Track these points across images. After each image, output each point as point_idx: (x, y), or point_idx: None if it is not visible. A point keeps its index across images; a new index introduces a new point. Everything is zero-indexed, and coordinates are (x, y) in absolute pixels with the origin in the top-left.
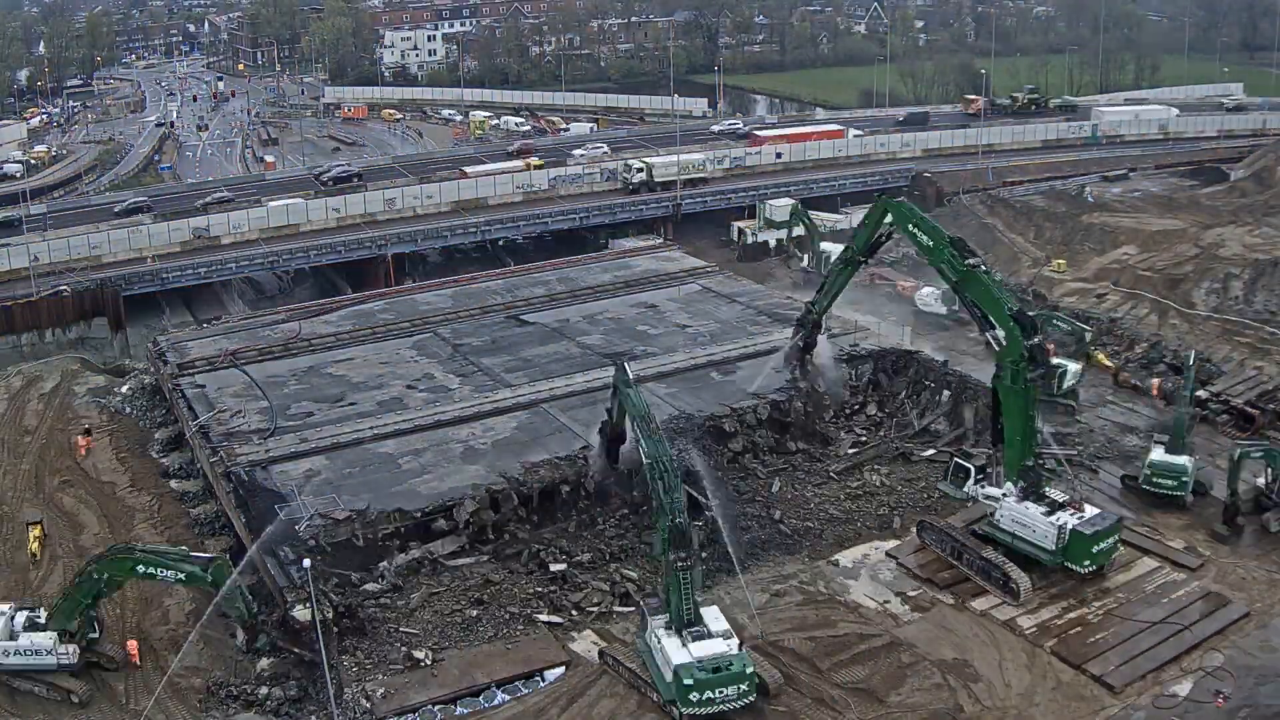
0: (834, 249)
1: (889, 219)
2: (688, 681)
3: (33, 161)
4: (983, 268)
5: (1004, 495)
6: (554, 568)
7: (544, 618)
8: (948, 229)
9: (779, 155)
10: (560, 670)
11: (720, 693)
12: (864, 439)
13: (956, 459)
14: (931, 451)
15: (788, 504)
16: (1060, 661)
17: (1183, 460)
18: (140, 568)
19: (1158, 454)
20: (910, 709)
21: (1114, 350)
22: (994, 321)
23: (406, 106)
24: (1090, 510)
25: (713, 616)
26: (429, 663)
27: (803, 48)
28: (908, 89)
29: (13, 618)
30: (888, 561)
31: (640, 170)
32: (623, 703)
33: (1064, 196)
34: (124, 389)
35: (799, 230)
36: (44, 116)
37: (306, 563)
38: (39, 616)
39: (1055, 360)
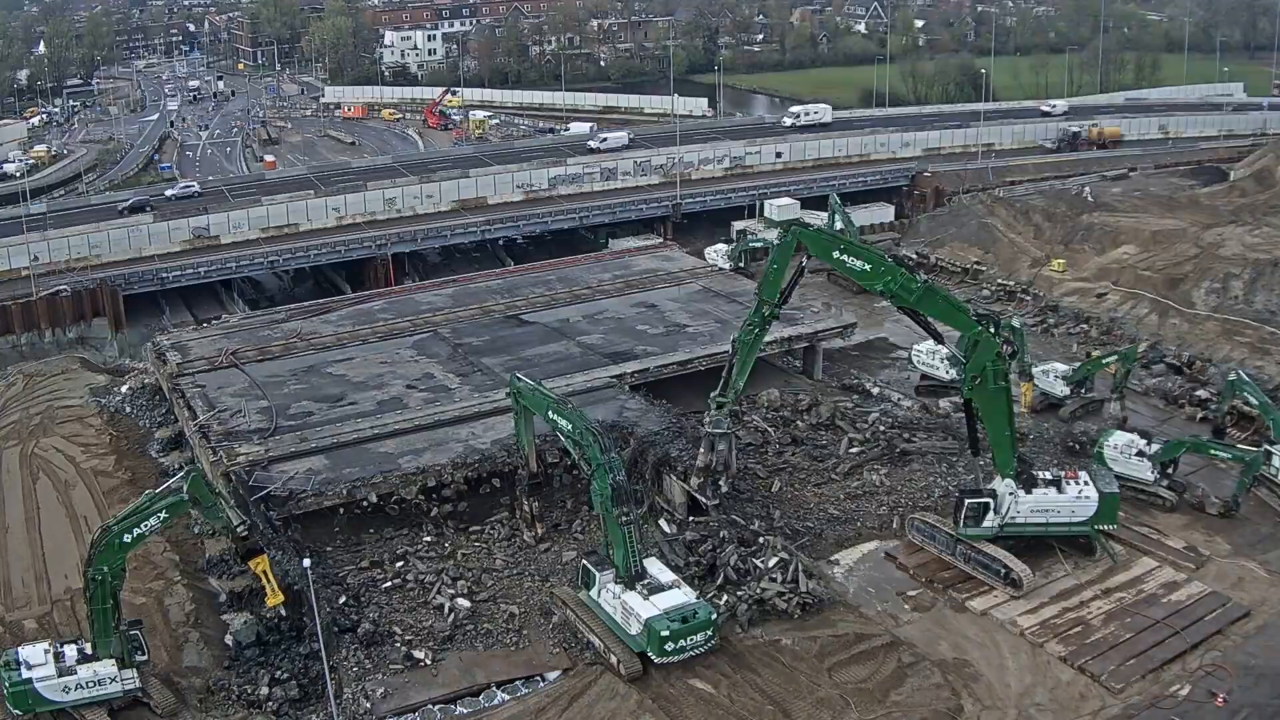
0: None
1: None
2: (664, 633)
3: (33, 161)
4: (931, 281)
5: (1011, 494)
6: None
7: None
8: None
9: (779, 155)
10: (560, 671)
11: (690, 640)
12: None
13: (968, 500)
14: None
15: (787, 504)
16: (1060, 661)
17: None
18: (126, 538)
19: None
20: (910, 709)
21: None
22: (957, 329)
23: (406, 106)
24: (1084, 474)
25: (657, 569)
26: (429, 663)
27: (802, 48)
28: (908, 89)
29: (59, 653)
30: (888, 562)
31: None
32: (623, 703)
33: (1064, 196)
34: (124, 389)
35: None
36: (44, 116)
37: (306, 563)
38: (88, 649)
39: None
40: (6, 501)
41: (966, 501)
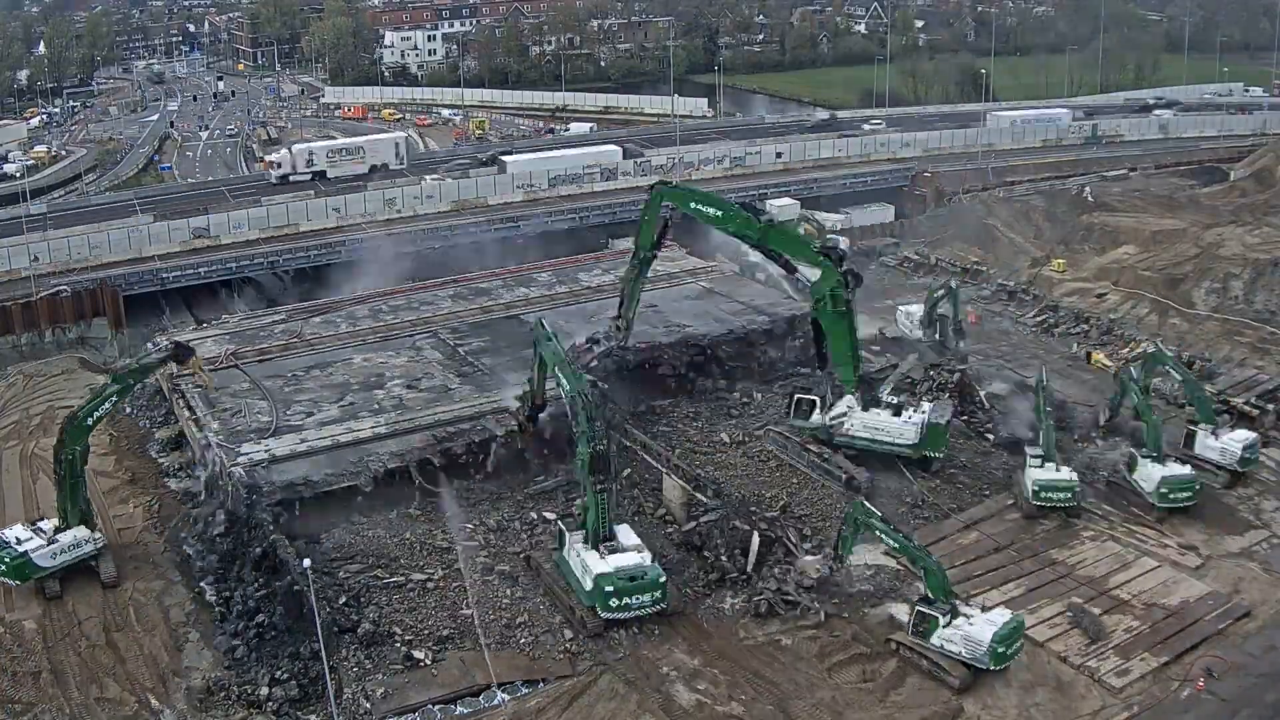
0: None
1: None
2: (608, 589)
3: (32, 161)
4: (773, 220)
5: (849, 409)
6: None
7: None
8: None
9: (779, 155)
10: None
11: (636, 599)
12: None
13: (798, 395)
14: None
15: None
16: (1060, 661)
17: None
18: (89, 420)
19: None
20: (910, 709)
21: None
22: (803, 262)
23: (406, 107)
24: (928, 405)
25: (624, 533)
26: (429, 663)
27: (802, 48)
28: (908, 89)
29: (39, 528)
30: (887, 560)
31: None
32: (623, 703)
33: (1064, 196)
34: None
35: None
36: (44, 116)
37: (306, 563)
38: (55, 523)
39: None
40: (6, 501)
41: (797, 397)
